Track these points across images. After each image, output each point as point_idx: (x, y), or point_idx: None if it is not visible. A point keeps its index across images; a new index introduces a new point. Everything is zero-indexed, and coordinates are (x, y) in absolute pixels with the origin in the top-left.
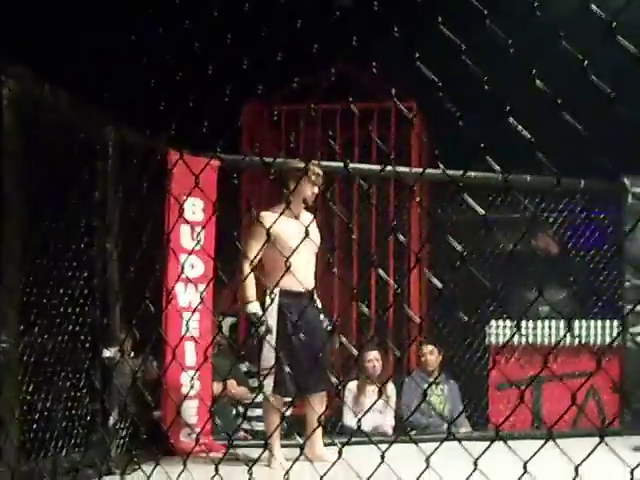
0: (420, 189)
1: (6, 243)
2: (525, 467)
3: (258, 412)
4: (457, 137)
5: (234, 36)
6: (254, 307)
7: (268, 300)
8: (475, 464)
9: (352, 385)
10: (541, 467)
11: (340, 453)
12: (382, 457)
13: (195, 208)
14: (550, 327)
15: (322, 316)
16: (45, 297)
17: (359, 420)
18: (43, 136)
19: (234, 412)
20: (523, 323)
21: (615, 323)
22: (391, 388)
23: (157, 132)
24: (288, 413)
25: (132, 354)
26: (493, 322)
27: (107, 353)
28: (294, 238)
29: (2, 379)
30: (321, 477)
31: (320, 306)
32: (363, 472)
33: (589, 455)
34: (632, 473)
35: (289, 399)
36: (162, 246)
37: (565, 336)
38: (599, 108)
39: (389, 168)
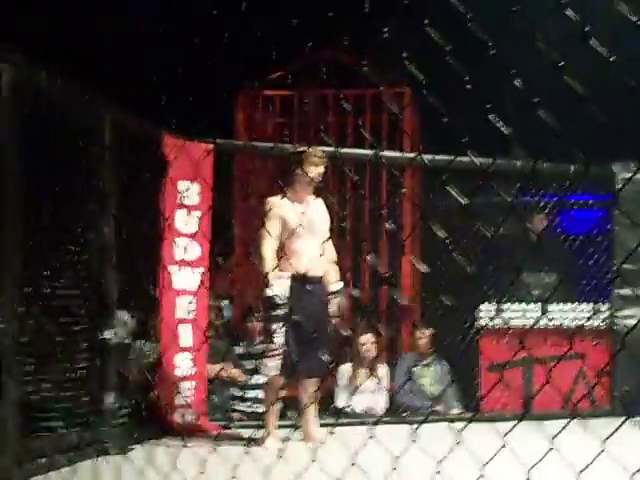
0: (412, 176)
1: (4, 225)
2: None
3: (253, 394)
4: (450, 124)
5: (229, 23)
6: (274, 290)
7: (277, 283)
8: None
9: (345, 368)
10: (526, 447)
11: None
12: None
13: (191, 192)
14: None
15: (332, 300)
16: (44, 279)
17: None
18: (41, 121)
19: (230, 393)
20: (513, 306)
21: (604, 306)
22: (384, 370)
23: (154, 118)
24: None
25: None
26: (483, 306)
27: (106, 334)
28: (300, 223)
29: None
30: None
31: (336, 289)
32: (353, 452)
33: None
34: None
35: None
36: (158, 230)
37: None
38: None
39: (380, 153)
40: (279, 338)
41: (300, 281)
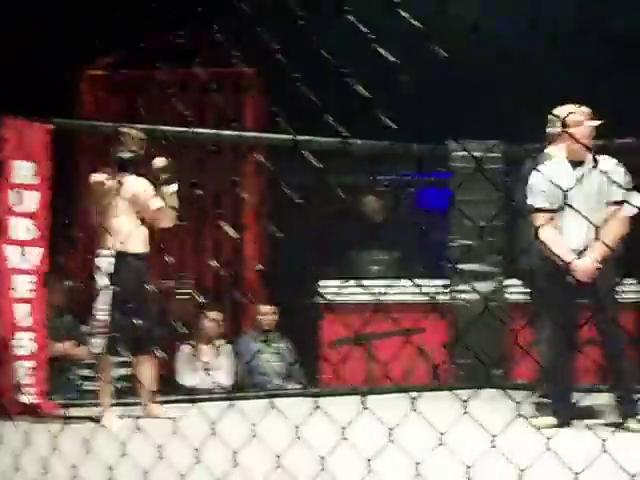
0: (259, 152)
1: None
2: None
3: None
4: (296, 104)
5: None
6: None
7: (100, 260)
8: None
9: (186, 345)
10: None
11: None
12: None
13: (26, 172)
14: (380, 286)
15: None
16: None
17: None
18: None
19: (78, 373)
20: (353, 282)
21: (443, 282)
22: (227, 348)
23: None
24: (123, 372)
25: None
26: (323, 282)
27: None
28: (121, 200)
29: None
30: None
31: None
32: (194, 429)
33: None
34: None
35: (122, 359)
36: None
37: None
38: (436, 73)
39: (225, 132)
40: (103, 314)
41: (121, 257)
